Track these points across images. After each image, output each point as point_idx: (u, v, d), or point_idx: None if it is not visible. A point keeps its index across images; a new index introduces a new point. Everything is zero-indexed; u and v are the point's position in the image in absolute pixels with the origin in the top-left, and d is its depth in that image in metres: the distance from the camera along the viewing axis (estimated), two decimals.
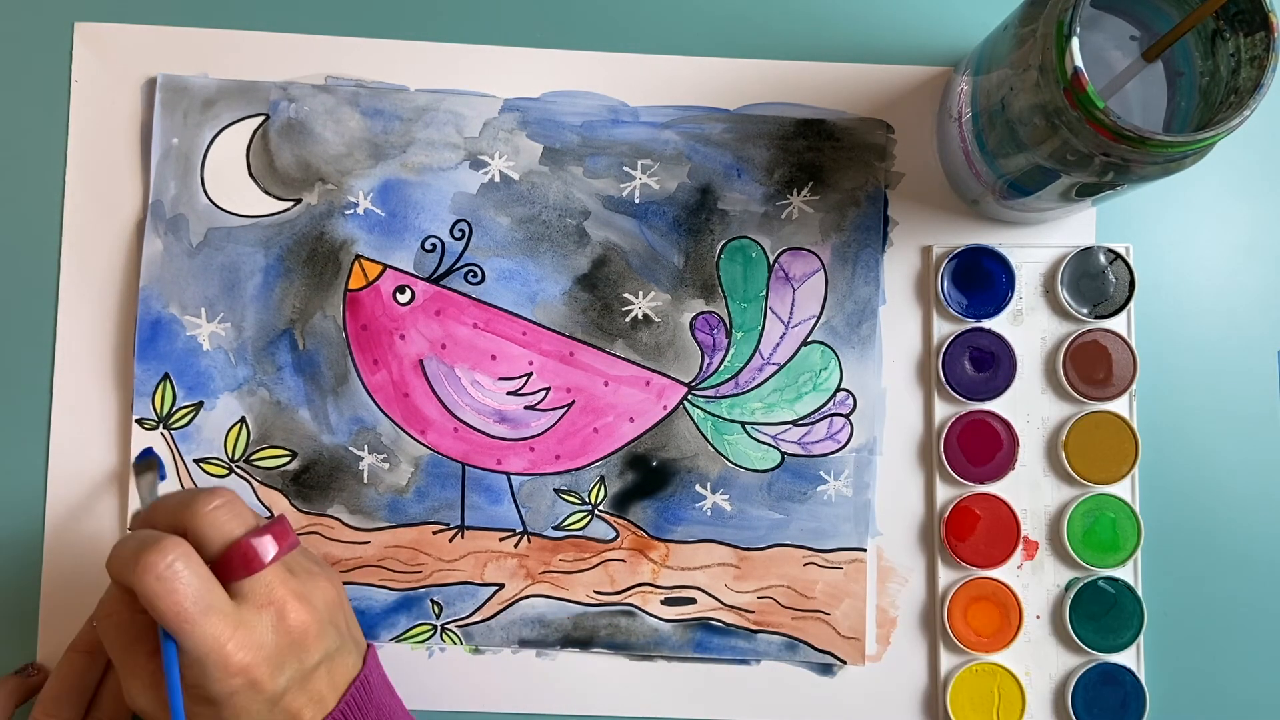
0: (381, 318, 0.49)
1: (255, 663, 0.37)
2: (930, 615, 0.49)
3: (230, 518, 0.38)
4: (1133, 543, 0.49)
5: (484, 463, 0.49)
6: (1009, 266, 0.49)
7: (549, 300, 0.49)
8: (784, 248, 0.50)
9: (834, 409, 0.50)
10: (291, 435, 0.49)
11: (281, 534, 0.39)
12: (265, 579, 0.38)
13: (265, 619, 0.38)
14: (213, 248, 0.49)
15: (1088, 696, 0.48)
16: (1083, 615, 0.49)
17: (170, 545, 0.36)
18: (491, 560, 0.49)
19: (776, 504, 0.49)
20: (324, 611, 0.40)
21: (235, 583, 0.38)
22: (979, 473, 0.49)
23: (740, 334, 0.50)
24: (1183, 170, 0.39)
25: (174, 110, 0.49)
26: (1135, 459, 0.49)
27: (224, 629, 0.36)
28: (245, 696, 0.37)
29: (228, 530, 0.38)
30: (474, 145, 0.49)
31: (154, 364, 0.49)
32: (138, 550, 0.36)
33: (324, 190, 0.49)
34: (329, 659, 0.40)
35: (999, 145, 0.42)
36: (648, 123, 0.50)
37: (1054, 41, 0.37)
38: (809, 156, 0.50)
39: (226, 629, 0.36)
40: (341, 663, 0.40)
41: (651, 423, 0.49)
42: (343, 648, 0.41)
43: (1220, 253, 0.51)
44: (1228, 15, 0.38)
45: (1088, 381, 0.49)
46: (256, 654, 0.37)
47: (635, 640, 0.49)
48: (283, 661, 0.38)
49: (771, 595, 0.49)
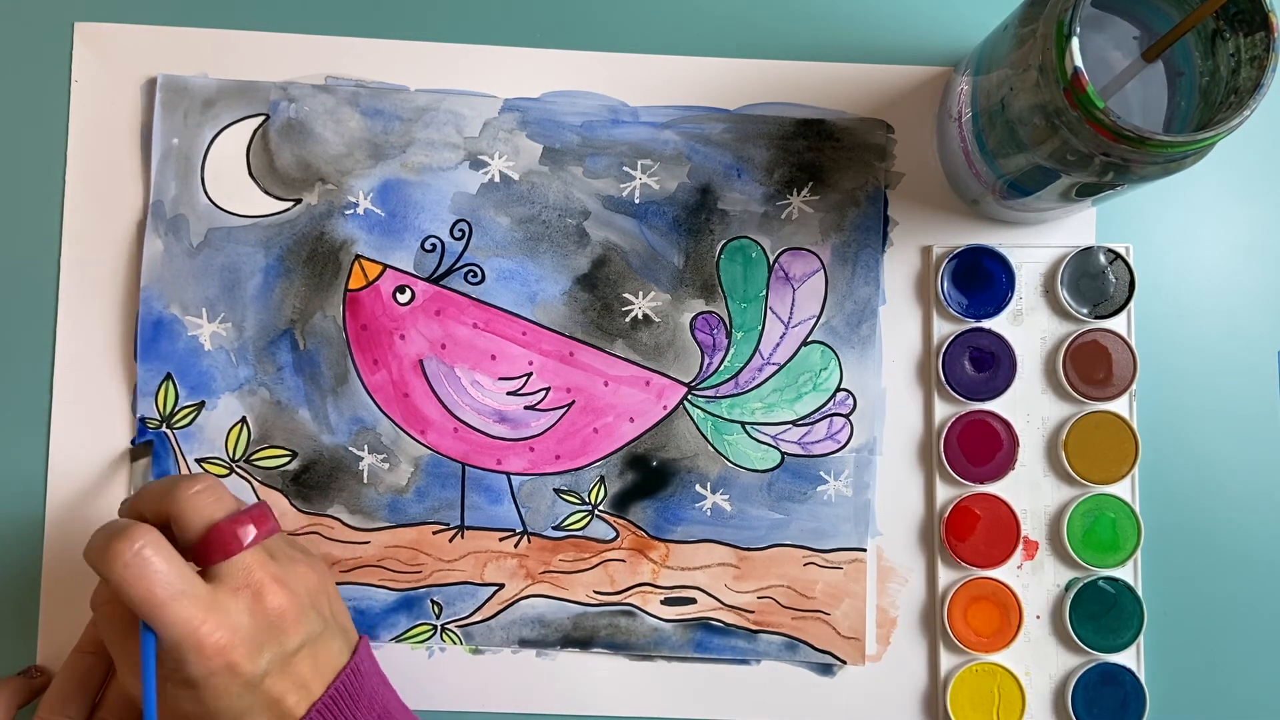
0: (381, 318, 0.49)
1: (231, 645, 0.37)
2: (930, 615, 0.49)
3: (211, 502, 0.39)
4: (1133, 543, 0.49)
5: (484, 463, 0.49)
6: (1009, 266, 0.49)
7: (549, 300, 0.49)
8: (784, 248, 0.50)
9: (834, 409, 0.50)
10: (292, 435, 0.49)
11: (261, 518, 0.39)
12: (244, 562, 0.38)
13: (241, 601, 0.38)
14: (213, 248, 0.49)
15: (1088, 696, 0.48)
16: (1083, 615, 0.49)
17: (138, 533, 0.37)
18: (491, 560, 0.49)
19: (776, 504, 0.49)
20: (304, 596, 0.40)
21: (214, 566, 0.38)
22: (979, 473, 0.49)
23: (740, 334, 0.50)
24: (1183, 170, 0.39)
25: (174, 110, 0.49)
26: (1135, 459, 0.49)
27: (196, 612, 0.36)
28: (223, 679, 0.37)
29: (208, 514, 0.38)
30: (474, 145, 0.49)
31: (156, 364, 0.49)
32: (107, 539, 0.37)
33: (324, 190, 0.49)
34: (311, 644, 0.40)
35: (999, 145, 0.42)
36: (648, 123, 0.50)
37: (1054, 41, 0.37)
38: (809, 156, 0.50)
39: (199, 612, 0.37)
40: (326, 649, 0.40)
41: (651, 423, 0.49)
42: (326, 633, 0.40)
43: (1220, 253, 0.51)
44: (1228, 15, 0.38)
45: (1088, 381, 0.49)
46: (232, 636, 0.37)
47: (635, 640, 0.49)
48: (261, 644, 0.38)
49: (771, 595, 0.49)
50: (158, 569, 0.36)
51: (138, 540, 0.36)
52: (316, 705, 0.39)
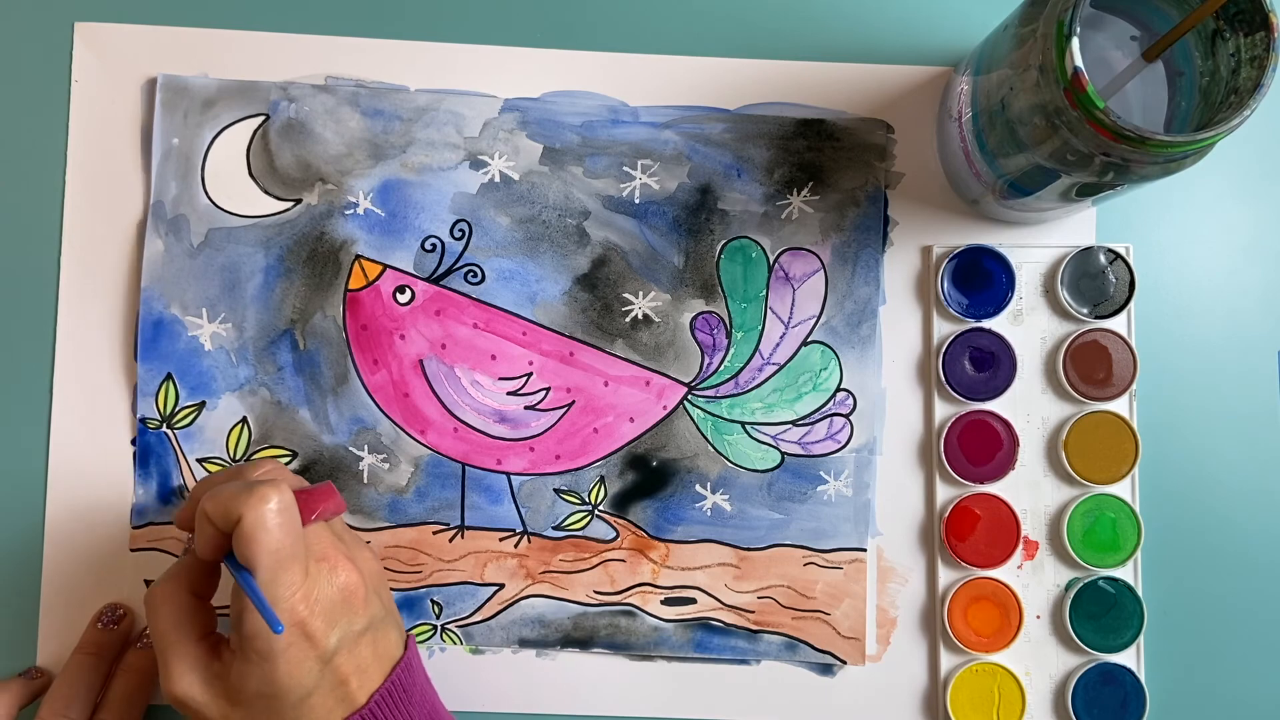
0: (381, 318, 0.49)
1: (312, 615, 0.37)
2: (930, 615, 0.49)
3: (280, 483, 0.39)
4: (1133, 543, 0.49)
5: (484, 463, 0.49)
6: (1009, 266, 0.49)
7: (549, 300, 0.49)
8: (784, 248, 0.50)
9: (834, 409, 0.50)
10: (292, 435, 0.49)
11: (329, 494, 0.40)
12: (316, 536, 0.38)
13: (321, 572, 0.38)
14: (213, 248, 0.49)
15: (1088, 696, 0.48)
16: (1083, 615, 0.49)
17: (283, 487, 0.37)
18: (491, 560, 0.49)
19: (776, 504, 0.49)
20: (371, 578, 0.40)
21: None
22: (979, 473, 0.49)
23: (740, 334, 0.50)
24: (1183, 170, 0.39)
25: (174, 110, 0.49)
26: (1135, 459, 0.49)
27: (299, 577, 0.37)
28: (300, 649, 0.37)
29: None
30: (474, 145, 0.49)
31: (157, 364, 0.49)
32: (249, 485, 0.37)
33: (324, 190, 0.49)
34: (374, 629, 0.39)
35: (999, 145, 0.42)
36: (648, 123, 0.50)
37: (1054, 41, 0.37)
38: (809, 156, 0.50)
39: (299, 577, 0.37)
40: (385, 637, 0.40)
41: (651, 423, 0.49)
42: (387, 620, 0.40)
43: (1220, 253, 0.51)
44: (1228, 15, 0.38)
45: (1088, 381, 0.49)
46: (314, 607, 0.37)
47: (635, 640, 0.49)
48: (335, 619, 0.38)
49: (771, 595, 0.49)
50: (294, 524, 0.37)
51: (284, 493, 0.37)
52: (376, 694, 0.39)
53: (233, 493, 0.37)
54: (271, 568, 0.36)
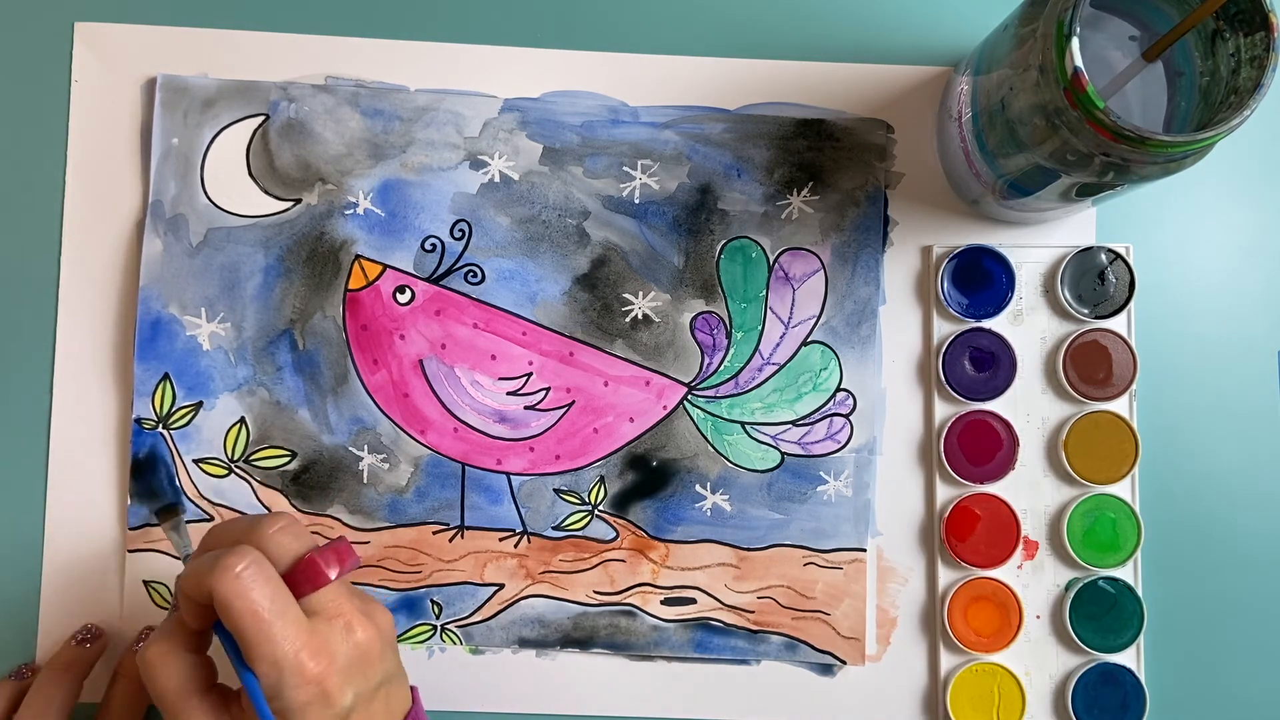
0: (381, 318, 0.49)
1: (328, 673, 0.37)
2: (930, 615, 0.49)
3: (294, 537, 0.38)
4: (1133, 543, 0.49)
5: (484, 463, 0.49)
6: (1009, 266, 0.49)
7: (549, 300, 0.49)
8: (784, 248, 0.50)
9: (834, 409, 0.50)
10: (291, 435, 0.49)
11: (345, 552, 0.39)
12: (331, 594, 0.38)
13: (336, 630, 0.38)
14: (213, 248, 0.49)
15: (1088, 696, 0.48)
16: (1083, 615, 0.49)
17: (247, 550, 0.37)
18: (491, 560, 0.49)
19: (776, 504, 0.49)
20: (386, 633, 0.40)
21: (302, 599, 0.38)
22: (979, 473, 0.49)
23: (740, 334, 0.50)
24: (1183, 170, 0.39)
25: (174, 110, 0.49)
26: (1135, 459, 0.49)
27: (299, 634, 0.36)
28: (318, 709, 0.36)
29: (294, 549, 0.38)
30: (474, 145, 0.49)
31: (154, 364, 0.49)
32: (216, 557, 0.36)
33: (324, 190, 0.49)
34: (387, 684, 0.39)
35: (999, 145, 0.42)
36: (648, 123, 0.50)
37: (1054, 41, 0.37)
38: (809, 156, 0.50)
39: (301, 634, 0.36)
40: (398, 693, 0.40)
41: (651, 423, 0.49)
42: (399, 676, 0.40)
43: (1220, 253, 0.51)
44: (1228, 15, 0.38)
45: (1088, 381, 0.49)
46: (330, 664, 0.37)
47: (635, 640, 0.49)
48: (351, 675, 0.37)
49: (771, 595, 0.49)
50: (268, 582, 0.36)
51: (247, 556, 0.36)
52: None
53: (204, 568, 0.36)
54: (258, 629, 0.36)
